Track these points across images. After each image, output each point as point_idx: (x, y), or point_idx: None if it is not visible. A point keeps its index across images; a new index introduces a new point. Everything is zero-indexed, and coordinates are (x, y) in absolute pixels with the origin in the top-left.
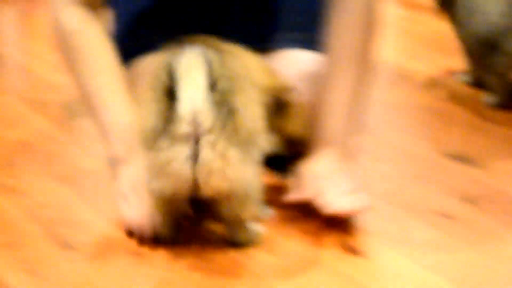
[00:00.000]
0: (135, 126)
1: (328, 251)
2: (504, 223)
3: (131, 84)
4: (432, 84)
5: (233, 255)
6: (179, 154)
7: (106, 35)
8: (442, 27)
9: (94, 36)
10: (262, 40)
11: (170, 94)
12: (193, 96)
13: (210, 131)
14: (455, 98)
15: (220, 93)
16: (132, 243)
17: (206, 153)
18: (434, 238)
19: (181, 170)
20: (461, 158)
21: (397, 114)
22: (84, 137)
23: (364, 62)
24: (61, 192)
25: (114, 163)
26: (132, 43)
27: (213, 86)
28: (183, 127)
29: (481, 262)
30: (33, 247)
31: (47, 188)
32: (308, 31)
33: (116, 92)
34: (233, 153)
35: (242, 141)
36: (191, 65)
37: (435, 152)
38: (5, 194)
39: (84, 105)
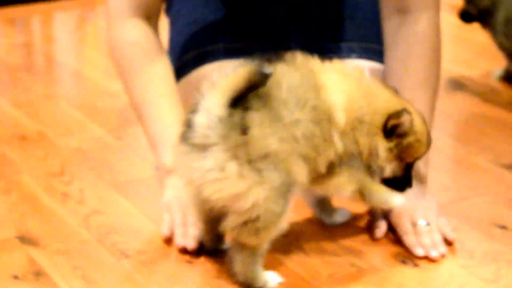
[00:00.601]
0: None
1: (383, 261)
2: None
3: (186, 96)
4: (488, 92)
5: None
6: (193, 161)
7: (162, 47)
8: None
9: (152, 49)
10: (324, 49)
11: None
12: (206, 108)
13: (215, 143)
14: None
15: (236, 109)
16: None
17: (207, 163)
18: (492, 249)
19: (192, 177)
20: None
21: (453, 123)
22: (138, 144)
23: (435, 85)
24: (115, 200)
25: (161, 174)
26: (187, 55)
27: (229, 101)
28: (196, 137)
29: None
30: (87, 254)
31: (102, 195)
32: (370, 41)
33: (168, 103)
34: (234, 168)
35: (251, 159)
36: (225, 78)
37: (492, 163)
38: (60, 201)
39: (136, 114)
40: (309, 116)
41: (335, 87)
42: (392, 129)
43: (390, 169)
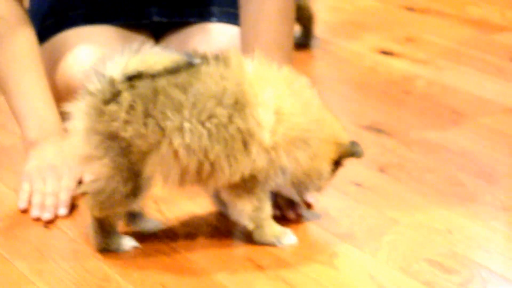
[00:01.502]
0: (49, 111)
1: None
2: (412, 189)
3: (46, 61)
4: (353, 58)
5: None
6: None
7: (26, 18)
8: (369, 5)
9: (15, 21)
10: (184, 13)
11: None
12: (115, 64)
13: (89, 94)
14: (374, 72)
15: (124, 82)
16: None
17: (76, 112)
18: (345, 206)
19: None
20: (376, 129)
21: (318, 87)
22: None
23: (287, 46)
24: None
25: (26, 146)
26: (48, 21)
27: (127, 73)
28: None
29: (391, 228)
30: None
31: None
32: (229, 5)
33: (32, 77)
34: (83, 130)
35: (101, 132)
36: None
37: (352, 124)
38: None
39: (0, 87)
40: (209, 131)
41: (268, 105)
42: (342, 160)
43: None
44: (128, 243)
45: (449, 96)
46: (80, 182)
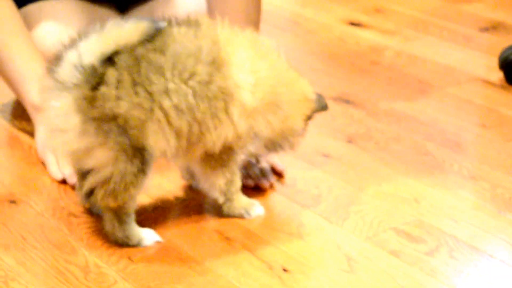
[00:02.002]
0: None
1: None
2: (379, 159)
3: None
4: (321, 30)
5: None
6: (49, 100)
7: None
8: None
9: None
10: None
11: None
12: (85, 49)
13: (71, 87)
14: (343, 43)
15: (104, 62)
16: (8, 192)
17: (59, 107)
18: (313, 176)
19: (47, 117)
20: (344, 100)
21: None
22: None
23: (256, 19)
24: None
25: (31, 111)
26: None
27: (105, 54)
28: (59, 72)
29: (358, 198)
30: None
31: None
32: None
33: (23, 40)
34: (77, 121)
35: (96, 117)
36: (119, 30)
37: None
38: None
39: None
40: (193, 89)
41: (244, 65)
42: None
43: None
44: (150, 237)
45: (416, 66)
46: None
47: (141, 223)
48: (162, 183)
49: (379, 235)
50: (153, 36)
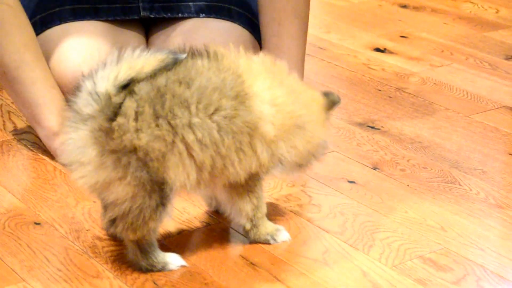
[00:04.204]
0: (62, 100)
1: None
2: (405, 186)
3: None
4: (347, 56)
5: None
6: (68, 131)
7: (22, 9)
8: (362, 1)
9: (20, 10)
10: (172, 9)
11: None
12: (102, 78)
13: (89, 118)
14: (368, 69)
15: (122, 92)
16: (33, 214)
17: (76, 138)
18: (339, 203)
19: (66, 148)
20: (370, 126)
21: (312, 84)
22: None
23: (304, 14)
24: None
25: (49, 137)
26: (37, 17)
27: (124, 84)
28: (77, 102)
29: (384, 225)
30: None
31: None
32: (218, 1)
33: (45, 66)
34: (94, 154)
35: (114, 150)
36: (140, 59)
37: (345, 121)
38: None
39: (6, 76)
40: (218, 124)
41: (265, 96)
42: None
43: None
44: (175, 261)
45: (442, 93)
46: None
47: (166, 247)
48: (187, 207)
49: (405, 263)
50: (174, 67)
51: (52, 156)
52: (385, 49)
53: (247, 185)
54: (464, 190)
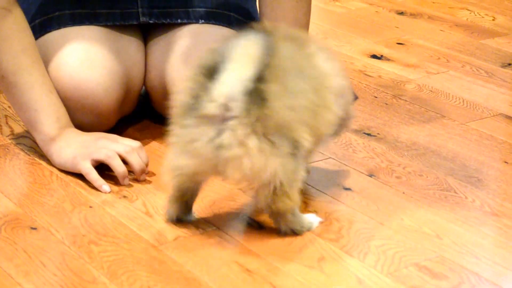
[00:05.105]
0: (61, 103)
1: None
2: (401, 194)
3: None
4: (343, 62)
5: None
6: (202, 135)
7: (22, 14)
8: (359, 8)
9: (19, 15)
10: (172, 15)
11: (208, 75)
12: (231, 80)
13: (235, 117)
14: (364, 75)
15: (257, 82)
16: (29, 219)
17: (226, 139)
18: (334, 210)
19: (203, 151)
20: (366, 133)
21: None
22: None
23: (305, 23)
24: None
25: (45, 141)
26: (36, 21)
27: (254, 74)
28: (211, 107)
29: (380, 232)
30: None
31: None
32: (217, 7)
33: (42, 70)
34: (255, 143)
35: (267, 131)
36: (241, 49)
37: None
38: None
39: (4, 81)
40: (309, 85)
41: (322, 55)
42: None
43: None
44: (315, 220)
45: (438, 101)
46: None
47: (162, 253)
48: None
49: (401, 270)
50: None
51: (49, 161)
52: (381, 56)
53: None
54: (460, 198)
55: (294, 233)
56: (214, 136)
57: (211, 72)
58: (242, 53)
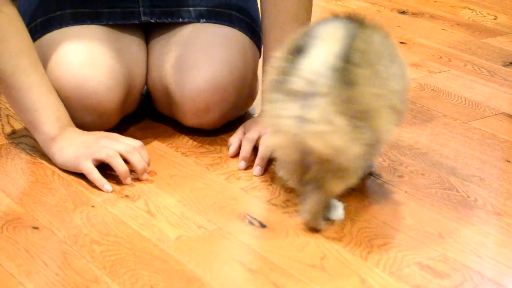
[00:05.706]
0: (60, 103)
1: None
2: (403, 193)
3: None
4: None
5: None
6: (289, 110)
7: (18, 16)
8: (361, 7)
9: (15, 16)
10: (173, 13)
11: (297, 52)
12: (319, 57)
13: (323, 94)
14: None
15: (346, 62)
16: (31, 218)
17: (313, 115)
18: None
19: (288, 126)
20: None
21: None
22: None
23: (306, 20)
24: None
25: (46, 141)
26: (36, 20)
27: (343, 54)
28: (299, 83)
29: (382, 231)
30: None
31: None
32: (218, 6)
33: (41, 71)
34: (341, 122)
35: (354, 114)
36: (330, 31)
37: None
38: None
39: (1, 87)
40: (398, 70)
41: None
42: None
43: None
44: (340, 206)
45: (440, 100)
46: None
47: (164, 252)
48: (185, 212)
49: (403, 269)
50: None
51: (50, 160)
52: None
53: None
54: (462, 197)
55: (312, 218)
56: (301, 111)
57: (299, 51)
58: (330, 34)
